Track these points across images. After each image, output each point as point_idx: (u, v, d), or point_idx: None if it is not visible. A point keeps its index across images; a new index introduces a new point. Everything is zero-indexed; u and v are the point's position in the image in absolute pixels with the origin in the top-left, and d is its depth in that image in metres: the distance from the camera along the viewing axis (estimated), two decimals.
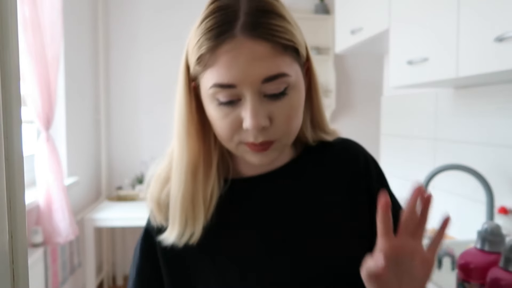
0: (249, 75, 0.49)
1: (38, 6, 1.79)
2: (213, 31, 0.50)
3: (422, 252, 0.53)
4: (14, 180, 0.35)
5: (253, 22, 0.49)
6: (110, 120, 2.93)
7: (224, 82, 0.50)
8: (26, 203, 0.44)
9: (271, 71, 0.50)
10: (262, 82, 0.50)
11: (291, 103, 0.53)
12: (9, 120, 0.34)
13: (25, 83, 1.75)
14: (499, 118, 1.34)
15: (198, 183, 0.57)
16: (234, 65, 0.49)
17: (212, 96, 0.52)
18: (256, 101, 0.51)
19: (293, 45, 0.52)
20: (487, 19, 0.99)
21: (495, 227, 0.78)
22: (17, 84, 0.35)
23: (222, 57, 0.49)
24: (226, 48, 0.49)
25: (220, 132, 0.54)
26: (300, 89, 0.54)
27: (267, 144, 0.53)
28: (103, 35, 2.83)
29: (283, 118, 0.52)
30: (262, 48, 0.49)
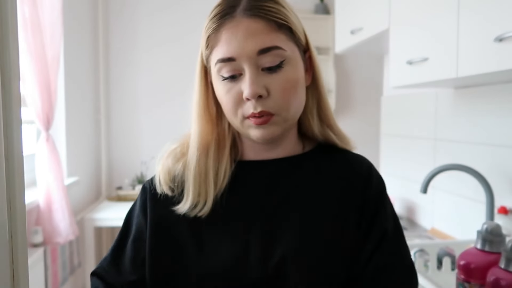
0: (246, 48, 0.56)
1: (38, 6, 1.79)
2: (217, 16, 0.58)
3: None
4: (14, 180, 0.35)
5: (251, 5, 0.57)
6: (110, 120, 2.93)
7: (225, 56, 0.57)
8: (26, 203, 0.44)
9: (265, 43, 0.56)
10: (258, 54, 0.56)
11: (287, 77, 0.58)
12: (9, 120, 0.34)
13: (25, 83, 1.75)
14: (499, 118, 1.34)
15: (209, 160, 0.63)
16: (233, 40, 0.56)
17: (217, 74, 0.59)
18: (253, 73, 0.57)
19: (287, 24, 0.58)
20: (487, 19, 0.99)
21: (495, 227, 0.78)
22: (17, 84, 0.35)
23: (224, 35, 0.57)
24: (227, 27, 0.57)
25: (226, 108, 0.60)
26: (296, 66, 0.60)
27: (266, 116, 0.58)
28: (103, 35, 2.83)
29: (279, 90, 0.57)
30: (257, 25, 0.56)
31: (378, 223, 0.62)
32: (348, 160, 0.67)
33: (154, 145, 2.94)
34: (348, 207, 0.62)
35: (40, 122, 1.87)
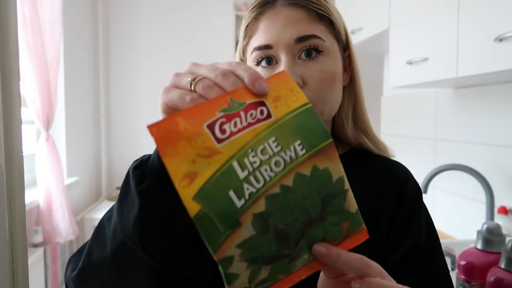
0: (284, 35, 0.54)
1: (38, 6, 1.79)
2: (257, 5, 0.58)
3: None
4: (14, 180, 0.35)
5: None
6: (110, 120, 2.93)
7: (262, 43, 0.56)
8: (26, 203, 0.44)
9: (303, 31, 0.54)
10: (295, 41, 0.54)
11: (325, 67, 0.55)
12: (9, 120, 0.34)
13: (25, 83, 1.75)
14: (499, 118, 1.34)
15: None
16: (271, 28, 0.55)
17: (253, 62, 0.58)
18: (289, 61, 0.55)
19: (328, 16, 0.56)
20: (487, 19, 0.99)
21: (495, 227, 0.78)
22: (17, 84, 0.35)
23: (262, 23, 0.56)
24: (266, 15, 0.56)
25: None
26: (335, 59, 0.57)
27: None
28: (103, 35, 2.82)
29: (316, 80, 0.55)
30: (297, 13, 0.55)
31: (409, 234, 0.58)
32: (382, 167, 0.63)
33: (154, 145, 2.93)
34: (380, 216, 0.59)
35: (40, 122, 1.87)
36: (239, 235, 0.32)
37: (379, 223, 0.58)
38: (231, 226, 0.32)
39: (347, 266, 0.37)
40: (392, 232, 0.58)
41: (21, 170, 0.36)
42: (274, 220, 0.33)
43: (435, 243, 0.60)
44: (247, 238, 0.32)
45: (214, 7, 2.84)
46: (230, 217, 0.31)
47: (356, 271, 0.38)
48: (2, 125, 0.34)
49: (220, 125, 0.32)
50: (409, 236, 0.58)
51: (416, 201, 0.61)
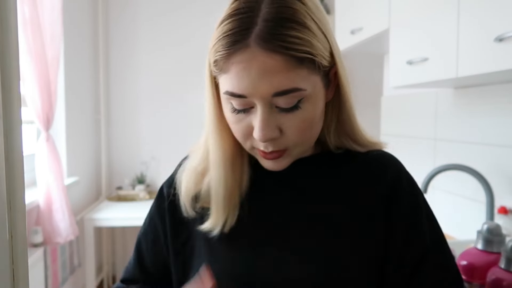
0: (260, 88, 0.49)
1: (38, 6, 1.79)
2: (228, 38, 0.49)
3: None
4: (14, 180, 0.35)
5: (268, 32, 0.47)
6: (110, 120, 2.93)
7: (235, 92, 0.50)
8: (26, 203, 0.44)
9: (282, 86, 0.48)
10: (273, 96, 0.49)
11: (304, 116, 0.52)
12: (9, 120, 0.34)
13: (25, 83, 1.75)
14: (499, 118, 1.34)
15: (236, 173, 0.59)
16: (246, 77, 0.48)
17: (227, 100, 0.53)
18: (266, 113, 0.50)
19: (311, 57, 0.49)
20: (487, 19, 0.99)
21: (495, 227, 0.78)
22: (17, 84, 0.35)
23: (235, 67, 0.49)
24: (239, 59, 0.48)
25: (235, 135, 0.56)
26: (316, 101, 0.53)
27: (278, 152, 0.54)
28: (103, 35, 2.83)
29: (294, 130, 0.52)
30: (274, 62, 0.47)
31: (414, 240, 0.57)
32: (370, 161, 0.61)
33: (154, 145, 2.95)
34: (370, 214, 0.58)
35: (40, 122, 1.87)
36: None
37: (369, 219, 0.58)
38: None
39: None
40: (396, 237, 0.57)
41: (21, 170, 0.36)
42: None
43: (440, 241, 0.59)
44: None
45: (214, 7, 2.84)
46: None
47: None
48: (2, 125, 0.34)
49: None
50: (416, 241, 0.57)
51: (414, 201, 0.59)
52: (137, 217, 2.36)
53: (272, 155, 0.54)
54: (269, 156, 0.54)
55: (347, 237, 0.57)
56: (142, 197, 2.70)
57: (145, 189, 2.75)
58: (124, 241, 2.94)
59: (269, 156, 0.54)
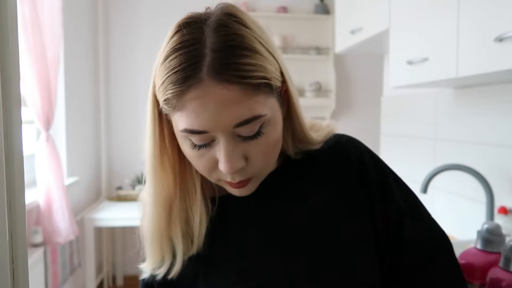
0: (220, 121, 0.47)
1: (38, 6, 1.79)
2: (178, 74, 0.46)
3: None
4: (14, 180, 0.35)
5: (220, 63, 0.45)
6: (110, 120, 2.93)
7: (195, 128, 0.48)
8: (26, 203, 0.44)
9: (242, 116, 0.47)
10: (234, 127, 0.47)
11: (268, 140, 0.51)
12: (9, 120, 0.34)
13: (25, 83, 1.75)
14: (499, 118, 1.34)
15: (173, 218, 0.56)
16: (204, 113, 0.46)
17: (185, 137, 0.50)
18: (229, 144, 0.49)
19: (266, 81, 0.48)
20: (487, 19, 0.99)
21: (495, 227, 0.78)
22: (17, 84, 0.35)
23: (190, 104, 0.46)
24: (193, 95, 0.46)
25: (198, 169, 0.54)
26: (277, 122, 0.52)
27: (245, 181, 0.53)
28: (103, 35, 2.83)
29: (259, 156, 0.51)
30: (231, 93, 0.45)
31: (389, 207, 0.59)
32: (331, 152, 0.62)
33: None
34: (350, 191, 0.59)
35: (40, 122, 1.88)
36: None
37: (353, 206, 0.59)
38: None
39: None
40: (377, 210, 0.59)
41: (21, 170, 0.36)
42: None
43: (413, 199, 0.62)
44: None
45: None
46: None
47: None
48: (2, 125, 0.34)
49: None
50: (391, 208, 0.59)
51: (378, 170, 0.61)
52: (137, 217, 2.35)
53: (240, 184, 0.53)
54: (237, 186, 0.53)
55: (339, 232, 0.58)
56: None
57: None
58: (124, 241, 2.94)
59: (237, 186, 0.53)
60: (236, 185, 0.53)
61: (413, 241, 0.59)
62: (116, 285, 2.92)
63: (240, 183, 0.53)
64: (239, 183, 0.53)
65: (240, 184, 0.53)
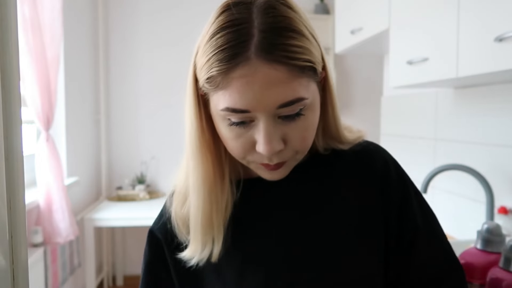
0: (264, 101, 0.47)
1: (38, 6, 1.79)
2: (225, 52, 0.46)
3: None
4: (14, 180, 0.35)
5: (268, 43, 0.45)
6: (110, 120, 2.93)
7: (237, 107, 0.48)
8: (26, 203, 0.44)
9: (287, 97, 0.47)
10: (277, 108, 0.48)
11: (306, 124, 0.51)
12: (9, 120, 0.34)
13: (25, 83, 1.75)
14: (499, 118, 1.34)
15: (215, 197, 0.56)
16: (249, 92, 0.46)
17: (224, 117, 0.50)
18: (270, 125, 0.49)
19: (311, 64, 0.49)
20: (487, 19, 0.99)
21: (495, 227, 0.78)
22: (17, 84, 0.35)
23: (236, 82, 0.47)
24: (240, 73, 0.46)
25: (232, 151, 0.54)
26: (316, 108, 0.53)
27: (280, 163, 0.53)
28: (103, 35, 2.83)
29: (297, 139, 0.51)
30: (278, 73, 0.46)
31: (406, 220, 0.58)
32: (358, 157, 0.62)
33: (154, 145, 2.95)
34: (370, 206, 0.59)
35: (40, 122, 1.87)
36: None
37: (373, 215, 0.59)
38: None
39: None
40: (392, 218, 0.59)
41: (21, 170, 0.36)
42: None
43: (431, 219, 0.61)
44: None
45: (214, 6, 2.84)
46: None
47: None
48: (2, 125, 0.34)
49: None
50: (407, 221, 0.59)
51: (402, 183, 0.61)
52: (137, 217, 2.37)
53: (275, 166, 0.53)
54: (272, 168, 0.53)
55: (351, 236, 0.58)
56: (142, 197, 2.70)
57: (145, 189, 2.75)
58: (124, 241, 2.94)
59: (272, 168, 0.53)
60: (271, 167, 0.53)
61: (425, 260, 0.58)
62: (116, 285, 2.92)
63: (275, 165, 0.53)
64: (274, 165, 0.53)
65: (275, 167, 0.53)
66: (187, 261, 0.58)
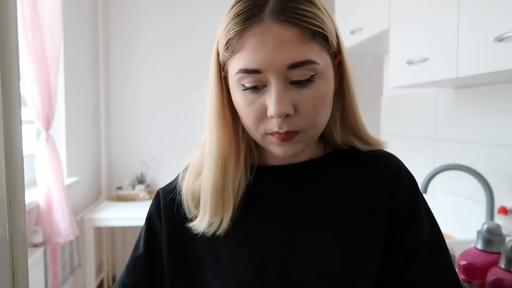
0: (275, 60, 0.49)
1: (38, 6, 1.79)
2: (241, 16, 0.50)
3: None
4: (14, 180, 0.35)
5: (281, 6, 0.49)
6: (110, 120, 2.93)
7: (250, 67, 0.50)
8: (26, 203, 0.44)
9: (297, 57, 0.49)
10: (288, 68, 0.49)
11: (318, 92, 0.52)
12: (9, 120, 0.34)
13: (25, 83, 1.75)
14: (499, 118, 1.34)
15: (228, 173, 0.58)
16: (261, 50, 0.49)
17: (238, 82, 0.52)
18: (280, 88, 0.50)
19: (322, 32, 0.51)
20: (487, 19, 0.99)
21: (495, 227, 0.78)
22: (17, 84, 0.35)
23: (249, 41, 0.50)
24: (254, 32, 0.49)
25: (246, 121, 0.55)
26: (328, 79, 0.54)
27: (291, 134, 0.53)
28: (103, 35, 2.82)
29: (308, 108, 0.52)
30: (289, 33, 0.49)
31: (410, 232, 0.57)
32: (372, 161, 0.62)
33: (154, 145, 2.95)
34: (375, 213, 0.58)
35: (40, 122, 1.87)
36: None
37: (377, 222, 0.58)
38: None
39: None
40: (394, 232, 0.58)
41: (21, 170, 0.36)
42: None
43: (440, 242, 0.59)
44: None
45: (214, 5, 2.84)
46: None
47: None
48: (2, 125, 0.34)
49: None
50: (409, 234, 0.57)
51: (413, 196, 0.60)
52: (137, 217, 2.36)
53: (286, 136, 0.53)
54: (283, 137, 0.53)
55: (352, 238, 0.57)
56: (142, 197, 2.70)
57: (145, 189, 2.76)
58: (124, 241, 2.94)
59: (283, 137, 0.53)
60: (282, 136, 0.52)
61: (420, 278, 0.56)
62: None
63: (286, 135, 0.52)
64: (285, 135, 0.52)
65: (287, 137, 0.53)
66: (191, 230, 0.59)
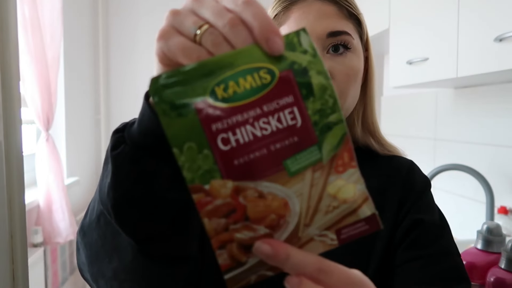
0: (316, 28, 0.55)
1: (38, 6, 1.79)
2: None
3: None
4: (14, 180, 0.35)
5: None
6: (110, 120, 2.93)
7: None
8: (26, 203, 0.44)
9: (336, 26, 0.56)
10: (327, 36, 0.55)
11: (352, 64, 0.57)
12: (9, 120, 0.34)
13: (25, 83, 1.75)
14: (499, 118, 1.34)
15: None
16: (304, 20, 0.56)
17: None
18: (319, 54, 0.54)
19: (356, 15, 0.58)
20: (487, 19, 0.99)
21: (495, 227, 0.78)
22: (17, 84, 0.35)
23: (294, 14, 0.57)
24: (298, 6, 0.57)
25: None
26: (360, 59, 0.59)
27: None
28: (103, 35, 2.82)
29: (342, 75, 0.56)
30: (329, 8, 0.56)
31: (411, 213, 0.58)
32: (387, 163, 0.64)
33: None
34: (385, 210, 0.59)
35: (40, 122, 1.87)
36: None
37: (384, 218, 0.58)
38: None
39: (298, 270, 0.28)
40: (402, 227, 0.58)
41: (21, 170, 0.36)
42: None
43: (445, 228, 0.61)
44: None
45: None
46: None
47: (309, 276, 0.28)
48: (2, 125, 0.34)
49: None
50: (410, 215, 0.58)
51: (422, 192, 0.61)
52: None
53: None
54: None
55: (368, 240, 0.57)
56: None
57: None
58: None
59: None
60: None
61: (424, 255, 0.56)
62: None
63: None
64: None
65: None
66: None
